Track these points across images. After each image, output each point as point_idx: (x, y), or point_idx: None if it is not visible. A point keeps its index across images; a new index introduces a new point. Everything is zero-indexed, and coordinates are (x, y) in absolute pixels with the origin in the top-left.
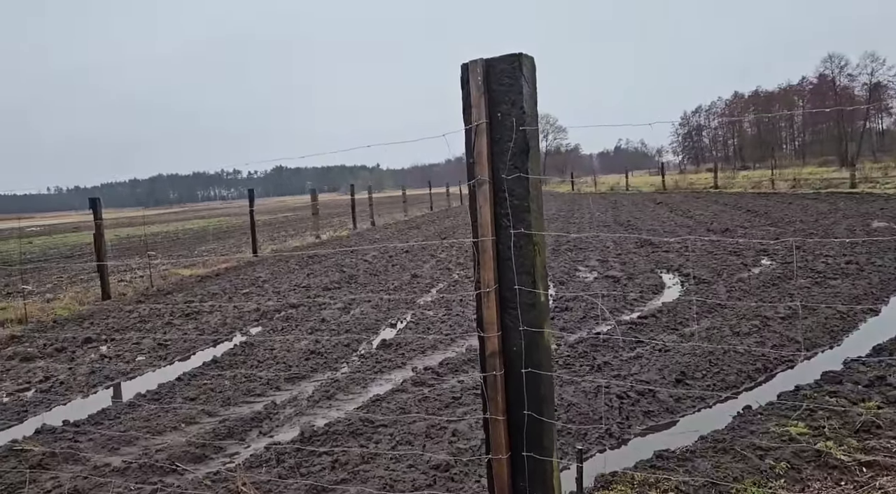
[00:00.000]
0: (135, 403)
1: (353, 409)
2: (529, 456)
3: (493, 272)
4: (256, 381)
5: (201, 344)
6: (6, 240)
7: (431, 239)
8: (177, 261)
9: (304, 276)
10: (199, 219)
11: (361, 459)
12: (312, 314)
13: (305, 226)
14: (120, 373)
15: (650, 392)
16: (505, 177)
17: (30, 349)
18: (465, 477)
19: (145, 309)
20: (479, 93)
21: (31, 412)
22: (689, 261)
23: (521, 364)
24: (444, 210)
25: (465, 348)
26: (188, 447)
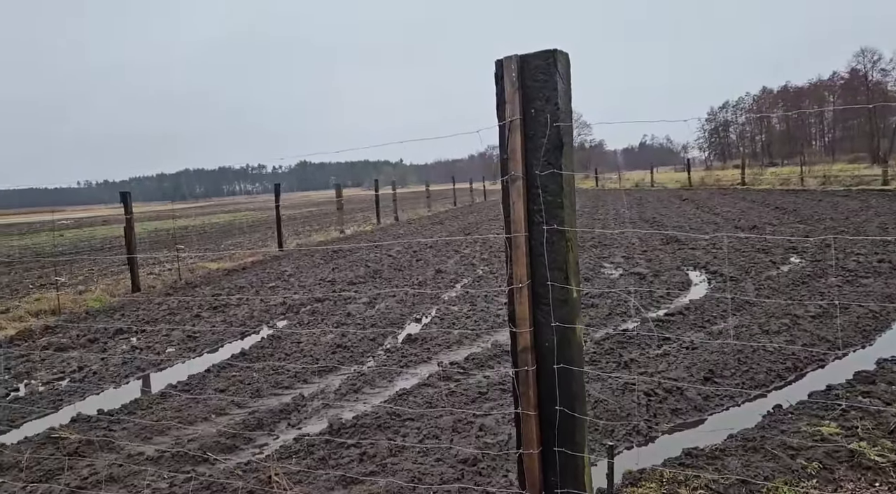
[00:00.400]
0: (166, 393)
1: (380, 403)
2: (561, 452)
3: (525, 268)
4: (284, 374)
5: (229, 336)
6: (38, 232)
7: (455, 234)
8: (204, 255)
9: (329, 271)
10: (224, 213)
11: (389, 452)
12: (338, 308)
13: (330, 221)
14: (151, 364)
15: (678, 389)
16: (538, 174)
17: (63, 339)
18: (493, 472)
19: (174, 301)
20: (514, 89)
21: (65, 401)
22: (716, 259)
23: (553, 359)
24: (468, 205)
25: (491, 343)
26: (219, 437)
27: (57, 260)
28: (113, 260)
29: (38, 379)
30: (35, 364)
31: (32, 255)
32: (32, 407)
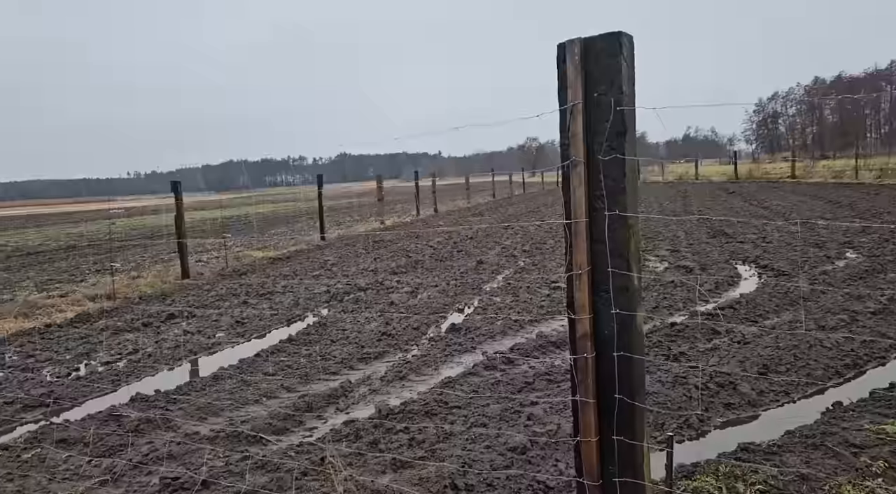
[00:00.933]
0: (219, 376)
1: (426, 390)
2: (620, 441)
3: (585, 254)
4: (331, 360)
5: (276, 323)
6: (92, 221)
7: (495, 226)
8: (249, 244)
9: (371, 260)
10: (267, 203)
11: (437, 438)
12: (381, 297)
13: (370, 212)
14: (202, 348)
15: (731, 384)
16: (601, 159)
17: (119, 323)
18: (542, 461)
19: (222, 288)
20: (577, 72)
21: (123, 381)
22: (766, 253)
23: (613, 347)
24: (507, 198)
25: (535, 334)
26: (271, 419)
27: (112, 247)
28: (163, 248)
29: (97, 360)
30: (94, 345)
31: (87, 243)
32: (93, 385)
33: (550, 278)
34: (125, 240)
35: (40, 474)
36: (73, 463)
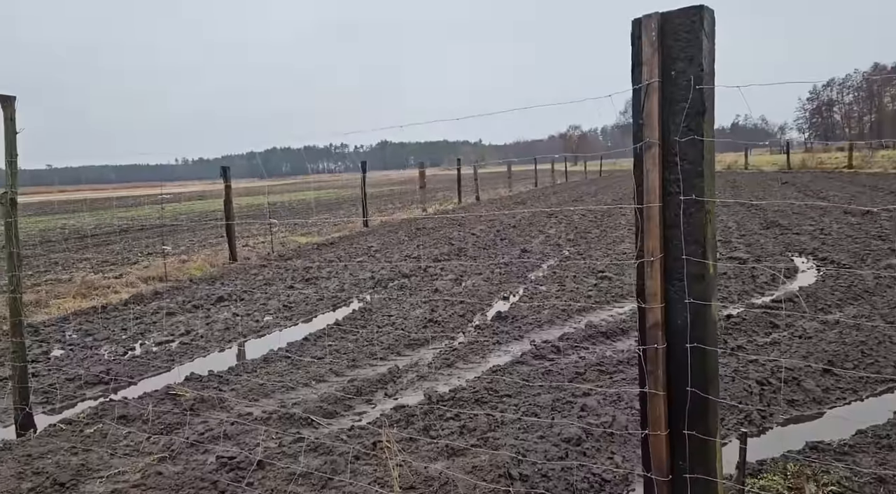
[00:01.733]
0: (269, 359)
1: (475, 378)
2: (691, 435)
3: (658, 240)
4: (378, 345)
5: (322, 307)
6: (142, 205)
7: (539, 215)
8: (293, 229)
9: (415, 247)
10: (310, 190)
11: (489, 426)
12: (425, 284)
13: (411, 200)
14: (251, 331)
15: (794, 379)
16: (678, 140)
17: (171, 304)
18: (597, 453)
19: (269, 272)
20: (653, 49)
21: (176, 361)
22: (825, 245)
23: (686, 338)
24: (549, 186)
25: (584, 324)
26: (321, 403)
27: (163, 231)
28: (210, 233)
29: (150, 340)
30: (148, 326)
31: (139, 226)
32: (149, 364)
33: (597, 267)
34: (175, 224)
35: (102, 449)
36: (133, 440)
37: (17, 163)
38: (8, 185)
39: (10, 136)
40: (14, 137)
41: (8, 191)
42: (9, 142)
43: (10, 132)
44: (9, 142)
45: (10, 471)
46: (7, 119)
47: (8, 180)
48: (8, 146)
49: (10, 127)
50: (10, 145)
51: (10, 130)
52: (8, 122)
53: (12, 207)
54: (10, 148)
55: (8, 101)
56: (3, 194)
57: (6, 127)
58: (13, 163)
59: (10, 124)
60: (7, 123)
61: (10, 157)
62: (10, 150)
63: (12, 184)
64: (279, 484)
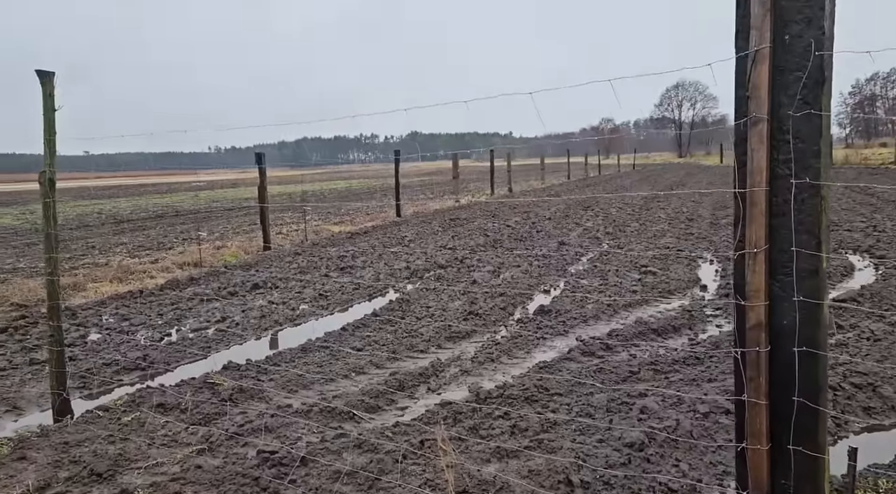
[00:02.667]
0: (307, 348)
1: (521, 374)
2: (797, 451)
3: (764, 229)
4: (418, 337)
5: (357, 297)
6: (175, 192)
7: (574, 208)
8: (326, 218)
9: (449, 238)
10: (340, 179)
11: (541, 427)
12: (462, 275)
13: (443, 191)
14: (287, 319)
15: (869, 385)
16: (791, 115)
17: (206, 290)
18: (662, 459)
19: (303, 260)
20: (765, 10)
21: (213, 348)
22: (879, 243)
23: (794, 341)
24: (582, 179)
25: (632, 320)
26: (362, 396)
27: (198, 218)
28: (244, 220)
29: (187, 327)
30: (184, 312)
31: (174, 212)
32: (185, 351)
33: (639, 262)
34: (209, 212)
35: (140, 438)
36: (171, 429)
37: (55, 141)
38: (46, 165)
39: (49, 114)
40: (52, 115)
41: (46, 170)
42: (47, 120)
43: (48, 109)
44: (47, 120)
45: (47, 459)
46: (46, 95)
47: (46, 159)
48: (46, 124)
49: (49, 104)
50: (48, 123)
51: (48, 107)
52: (46, 99)
53: (50, 188)
54: (48, 126)
55: (47, 77)
56: (41, 174)
57: (45, 104)
58: (51, 142)
59: (48, 101)
60: (46, 100)
61: (48, 136)
62: (49, 129)
63: (50, 163)
64: (323, 483)
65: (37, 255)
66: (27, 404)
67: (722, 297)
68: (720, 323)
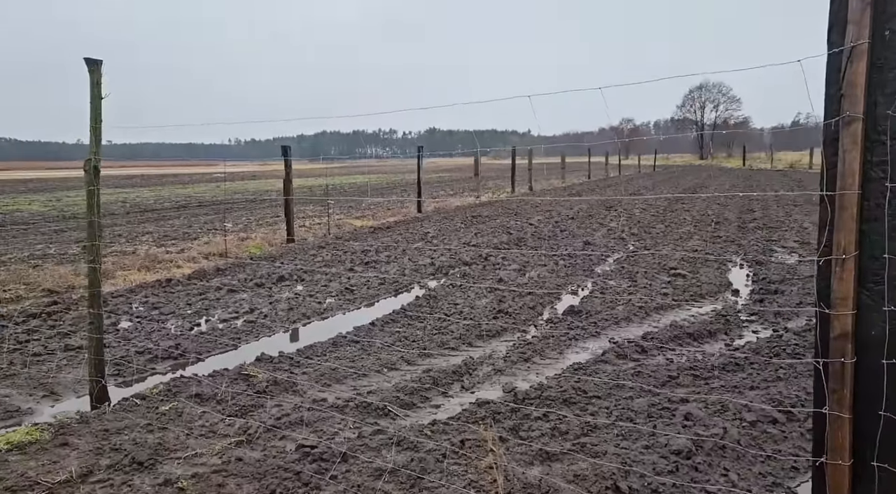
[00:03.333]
0: (337, 342)
1: (556, 375)
2: (882, 468)
3: (854, 235)
4: (448, 335)
5: (383, 292)
6: (197, 183)
7: (596, 207)
8: (347, 212)
9: (472, 235)
10: (359, 174)
11: (581, 430)
12: (488, 273)
13: (462, 187)
14: (315, 312)
15: None
16: (890, 114)
17: (233, 281)
18: (710, 468)
19: (327, 254)
20: (864, 3)
21: (242, 339)
22: None
23: (883, 353)
24: (603, 179)
25: (665, 324)
26: (397, 392)
27: (224, 209)
28: (267, 212)
29: (215, 317)
30: (212, 302)
31: (196, 203)
32: (216, 341)
33: (667, 264)
34: (231, 203)
35: (178, 428)
36: (208, 420)
37: (101, 129)
38: (91, 152)
39: (96, 102)
40: (99, 103)
41: (91, 158)
42: (94, 108)
43: (95, 97)
44: (94, 108)
45: (89, 446)
46: (93, 83)
47: (92, 147)
48: (93, 112)
49: (96, 92)
50: (94, 111)
51: (95, 95)
52: (94, 87)
53: (95, 175)
54: (95, 114)
55: (94, 65)
56: (86, 161)
57: (91, 92)
58: (97, 130)
59: (95, 89)
60: (93, 88)
61: (94, 123)
62: (95, 116)
63: (96, 151)
64: (365, 480)
65: (66, 242)
66: (63, 389)
67: (756, 302)
68: (756, 329)
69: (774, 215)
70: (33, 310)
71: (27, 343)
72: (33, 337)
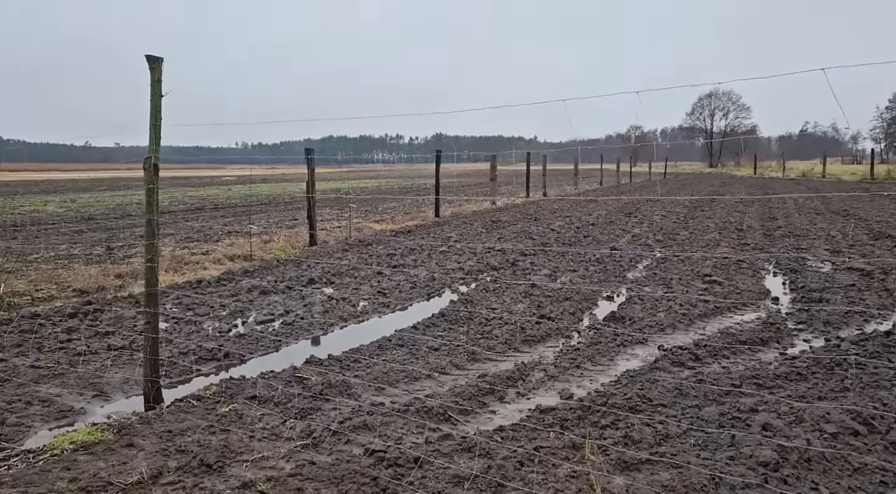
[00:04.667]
0: (383, 346)
1: (610, 382)
2: None
3: None
4: (493, 339)
5: (416, 296)
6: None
7: (615, 214)
8: (365, 216)
9: (495, 240)
10: (368, 178)
11: (655, 439)
12: (518, 277)
13: (475, 192)
14: (351, 316)
15: None
16: None
17: (262, 283)
18: (798, 481)
19: (353, 257)
20: None
21: (283, 341)
22: None
23: None
24: (615, 186)
25: (713, 331)
26: (454, 397)
27: (248, 211)
28: (285, 215)
29: (251, 318)
30: (245, 304)
31: (212, 205)
32: (257, 343)
33: (701, 271)
34: (246, 206)
35: (240, 430)
36: (268, 423)
37: (160, 127)
38: (151, 150)
39: (156, 99)
40: (159, 101)
41: (152, 155)
42: (154, 105)
43: (155, 95)
44: (154, 106)
45: (154, 447)
46: (154, 81)
47: (152, 145)
48: (153, 110)
49: (156, 89)
50: (155, 109)
51: (155, 93)
52: (154, 84)
53: (155, 173)
54: (154, 112)
55: (156, 63)
56: (146, 159)
57: (152, 89)
58: (157, 127)
59: (156, 86)
60: (153, 85)
61: (154, 121)
62: (155, 114)
63: (156, 149)
64: (444, 487)
65: (87, 242)
66: (112, 390)
67: (801, 311)
68: (807, 337)
69: (798, 223)
70: (69, 310)
71: (68, 342)
72: (73, 337)
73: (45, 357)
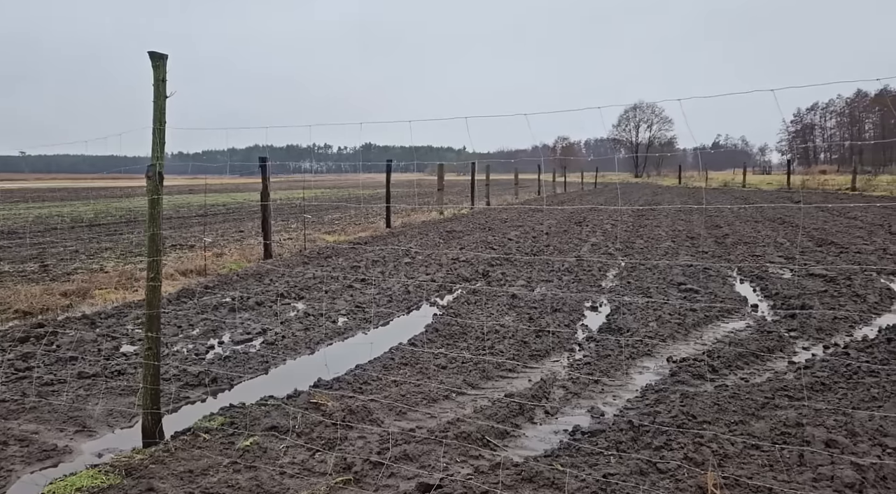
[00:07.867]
0: (387, 366)
1: (635, 398)
2: None
3: None
4: (499, 355)
5: (396, 310)
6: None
7: (564, 223)
8: (313, 227)
9: (457, 250)
10: (300, 188)
11: (717, 460)
12: (495, 289)
13: (415, 202)
14: (335, 333)
15: None
16: None
17: (226, 300)
18: None
19: (315, 270)
20: None
21: (270, 363)
22: None
23: None
24: (552, 195)
25: (712, 339)
26: (484, 420)
27: (172, 224)
28: (229, 226)
29: (227, 339)
30: (216, 323)
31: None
32: (244, 365)
33: (672, 278)
34: (182, 218)
35: (268, 466)
36: (297, 457)
37: (164, 131)
38: (155, 157)
39: (160, 101)
40: (163, 102)
41: (156, 163)
42: (157, 107)
43: (159, 96)
44: (157, 108)
45: (178, 491)
46: (157, 80)
47: (155, 151)
48: (156, 112)
49: (160, 89)
50: (158, 111)
51: (159, 94)
52: (158, 84)
53: (160, 182)
54: (158, 114)
55: (160, 60)
56: (150, 167)
57: (155, 89)
58: (161, 132)
59: (159, 86)
60: (157, 85)
61: (157, 125)
62: (159, 117)
63: (159, 155)
64: None
65: (17, 258)
66: (96, 423)
67: (787, 318)
68: (805, 345)
69: (742, 230)
70: (19, 334)
71: (27, 370)
72: (32, 364)
73: (7, 389)
